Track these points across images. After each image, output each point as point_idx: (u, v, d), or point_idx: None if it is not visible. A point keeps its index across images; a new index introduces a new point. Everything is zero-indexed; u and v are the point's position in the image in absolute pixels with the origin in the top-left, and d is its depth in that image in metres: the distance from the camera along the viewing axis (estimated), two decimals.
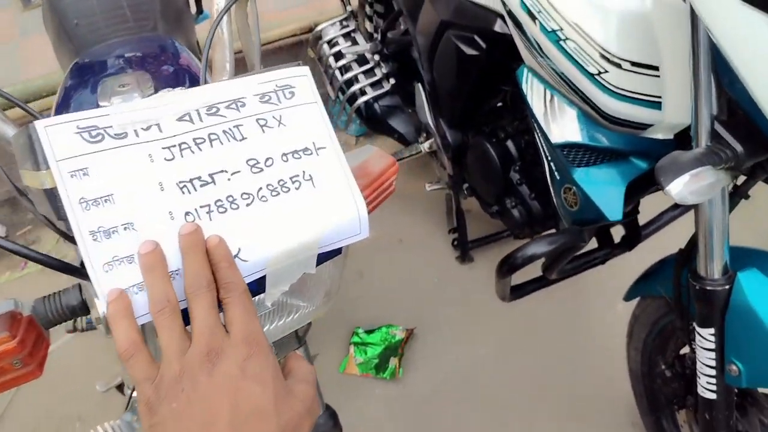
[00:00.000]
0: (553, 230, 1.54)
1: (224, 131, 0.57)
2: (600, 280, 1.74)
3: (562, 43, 0.99)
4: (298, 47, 2.50)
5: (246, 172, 0.57)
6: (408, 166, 2.28)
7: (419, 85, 1.80)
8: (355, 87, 1.98)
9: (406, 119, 2.00)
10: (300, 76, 0.63)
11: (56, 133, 0.50)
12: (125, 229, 0.51)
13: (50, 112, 1.06)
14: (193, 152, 0.55)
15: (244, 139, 0.58)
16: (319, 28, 2.08)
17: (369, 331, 1.83)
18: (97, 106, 0.87)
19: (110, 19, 1.37)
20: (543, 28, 1.01)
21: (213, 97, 0.58)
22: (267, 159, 0.58)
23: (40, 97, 2.26)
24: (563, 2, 0.96)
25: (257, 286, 0.59)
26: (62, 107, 1.05)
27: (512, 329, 1.82)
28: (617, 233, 1.37)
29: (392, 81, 1.95)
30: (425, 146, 1.87)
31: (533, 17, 1.02)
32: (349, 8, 2.07)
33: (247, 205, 0.56)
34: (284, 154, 0.59)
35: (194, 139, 0.56)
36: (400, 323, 1.84)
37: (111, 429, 0.68)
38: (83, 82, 1.14)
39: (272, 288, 0.59)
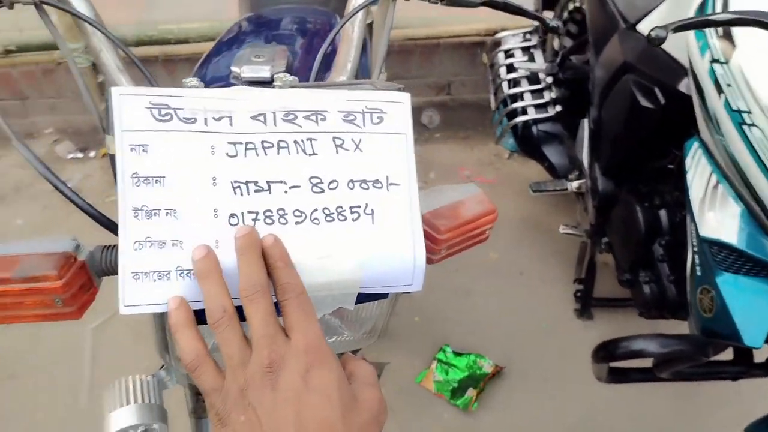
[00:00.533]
0: (682, 321, 1.34)
1: (296, 141, 0.54)
2: (724, 389, 1.49)
3: (745, 127, 0.82)
4: (476, 48, 2.42)
5: (305, 189, 0.53)
6: (550, 199, 2.14)
7: (585, 121, 1.65)
8: (519, 104, 1.88)
9: (562, 151, 1.86)
10: (396, 103, 0.57)
11: (128, 104, 0.50)
12: (167, 214, 0.50)
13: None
14: (257, 155, 0.53)
15: (314, 154, 0.54)
16: (500, 35, 2.00)
17: (457, 354, 1.76)
18: (230, 71, 0.89)
19: None
20: (728, 104, 0.85)
21: (295, 102, 0.55)
22: (332, 181, 0.54)
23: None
24: (762, 82, 0.80)
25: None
26: (208, 59, 1.09)
27: (608, 407, 1.64)
28: (761, 352, 1.16)
29: (558, 108, 1.81)
30: (573, 185, 1.72)
31: (720, 89, 0.86)
32: (536, 24, 1.95)
33: (296, 223, 0.53)
34: (351, 181, 0.55)
35: (262, 142, 0.53)
36: (491, 356, 1.74)
37: (141, 381, 0.70)
38: (236, 41, 1.19)
39: None
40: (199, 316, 0.51)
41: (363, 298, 0.57)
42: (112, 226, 0.61)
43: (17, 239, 0.61)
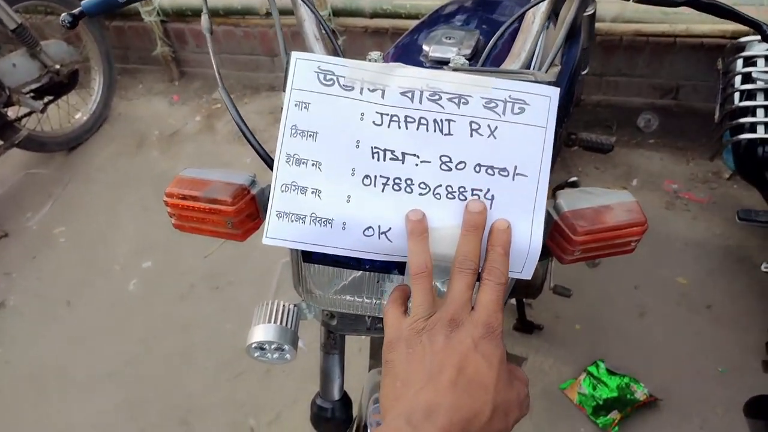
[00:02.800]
0: None
1: (435, 120, 0.58)
2: None
3: None
4: (719, 51, 2.16)
5: (434, 165, 0.58)
6: (764, 232, 1.88)
7: None
8: (748, 119, 1.66)
9: None
10: (542, 96, 0.59)
11: (301, 67, 0.59)
12: (313, 165, 0.59)
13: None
14: (399, 127, 0.59)
15: (449, 134, 0.58)
16: (744, 39, 1.76)
17: (611, 372, 1.66)
18: (421, 48, 0.96)
19: None
20: None
21: (443, 84, 0.59)
22: (460, 162, 0.58)
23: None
24: None
25: (395, 268, 0.62)
26: (415, 30, 1.17)
27: None
28: None
29: None
30: None
31: None
32: None
33: (420, 194, 0.58)
34: (479, 165, 0.58)
35: (406, 117, 0.59)
36: (647, 384, 1.62)
37: (284, 307, 0.81)
38: (445, 17, 1.25)
39: (438, 281, 0.61)
40: (315, 256, 0.60)
41: None
42: (270, 162, 0.72)
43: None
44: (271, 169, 0.73)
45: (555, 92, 0.59)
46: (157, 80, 3.17)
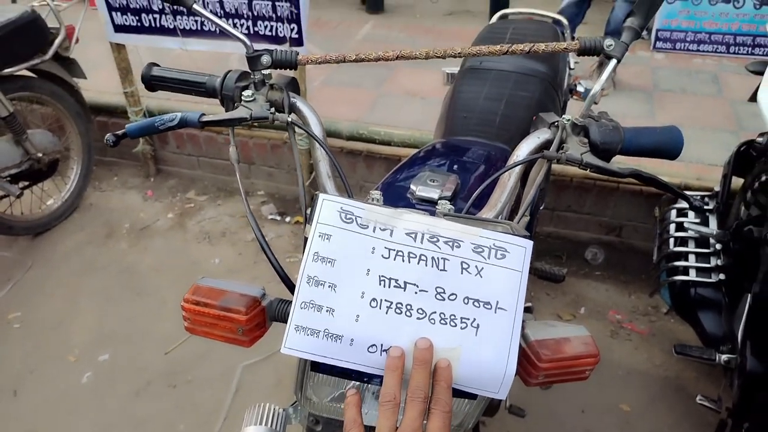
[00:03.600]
0: None
1: (433, 258, 0.71)
2: None
3: None
4: (656, 198, 2.44)
5: (431, 295, 0.70)
6: (700, 366, 2.04)
7: (749, 296, 1.61)
8: (681, 263, 1.87)
9: (717, 320, 1.79)
10: (519, 246, 0.72)
11: (327, 206, 0.72)
12: (329, 287, 0.70)
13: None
14: (403, 261, 0.71)
15: (443, 270, 0.71)
16: None
17: None
18: (409, 186, 1.11)
19: (482, 120, 1.64)
20: None
21: (440, 230, 0.72)
22: (452, 294, 0.70)
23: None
24: None
25: None
26: (397, 171, 1.33)
27: None
28: None
29: (722, 276, 1.78)
30: (723, 358, 1.65)
31: None
32: (716, 189, 1.96)
33: (418, 318, 0.69)
34: (467, 298, 0.70)
35: (409, 253, 0.71)
36: None
37: (274, 410, 0.88)
38: (424, 159, 1.42)
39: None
40: (323, 367, 0.69)
41: (456, 393, 0.71)
42: (289, 284, 0.82)
43: (211, 274, 0.85)
44: (287, 287, 0.84)
45: (529, 244, 0.73)
46: (133, 175, 3.27)
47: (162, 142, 3.18)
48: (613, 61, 0.93)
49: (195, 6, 0.93)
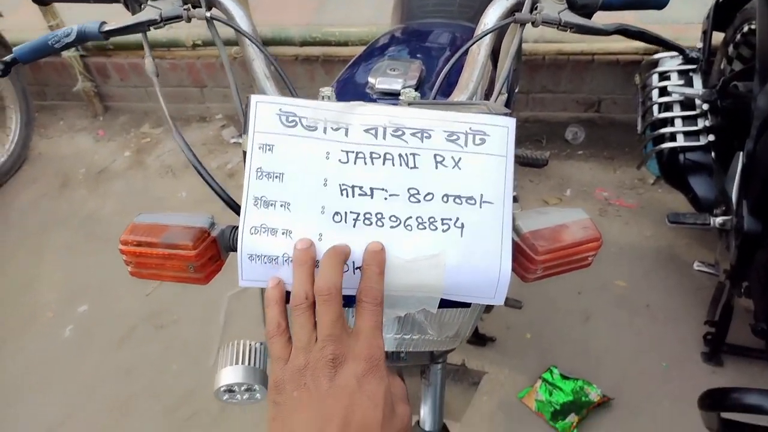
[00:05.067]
0: None
1: (400, 155, 0.59)
2: None
3: None
4: (633, 67, 2.31)
5: (403, 198, 0.59)
6: (692, 232, 2.00)
7: (741, 154, 1.53)
8: (667, 129, 1.77)
9: (709, 183, 1.73)
10: (500, 127, 0.60)
11: (262, 109, 0.59)
12: (282, 206, 0.58)
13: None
14: (365, 163, 0.59)
15: (414, 168, 0.59)
16: (657, 56, 1.90)
17: (564, 377, 1.72)
18: (367, 80, 0.97)
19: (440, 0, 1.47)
20: None
21: (405, 120, 0.60)
22: (428, 194, 0.59)
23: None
24: None
25: None
26: (352, 66, 1.18)
27: None
28: None
29: (711, 137, 1.69)
30: (717, 221, 1.60)
31: None
32: (698, 46, 1.83)
33: (391, 227, 0.58)
34: (446, 195, 0.59)
35: (371, 153, 0.59)
36: (600, 386, 1.68)
37: (251, 346, 0.79)
38: (381, 48, 1.27)
39: (387, 308, 0.61)
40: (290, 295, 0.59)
41: (446, 303, 0.61)
42: (238, 209, 0.71)
43: (177, 210, 0.73)
44: (235, 212, 0.72)
45: (512, 122, 0.61)
46: (79, 116, 3.05)
47: (103, 76, 2.93)
48: None
49: None
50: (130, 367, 1.89)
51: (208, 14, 0.76)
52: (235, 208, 0.71)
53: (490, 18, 0.80)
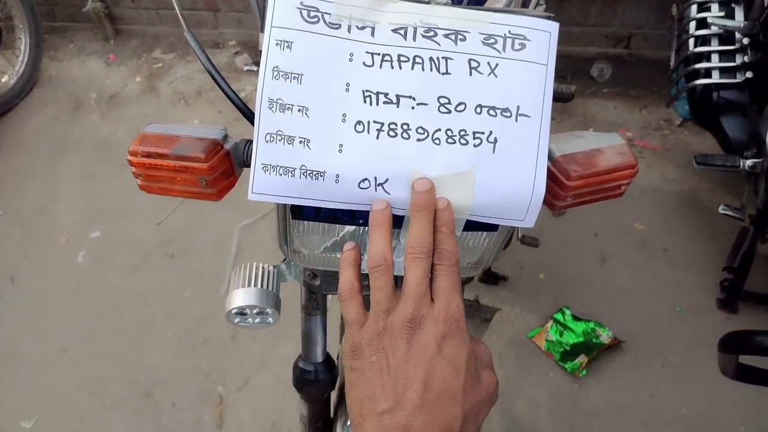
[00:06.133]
0: None
1: (431, 58, 0.54)
2: None
3: None
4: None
5: (432, 108, 0.54)
6: (717, 176, 1.94)
7: None
8: (703, 65, 1.68)
9: (741, 124, 1.65)
10: (542, 31, 0.55)
11: (282, 1, 0.53)
12: (299, 111, 0.53)
13: None
14: (392, 67, 0.54)
15: (446, 74, 0.54)
16: None
17: (576, 318, 1.70)
18: None
19: None
20: None
21: (438, 19, 0.54)
22: (460, 103, 0.54)
23: None
24: None
25: (395, 221, 0.58)
26: None
27: (728, 407, 1.51)
28: None
29: (749, 74, 1.60)
30: (747, 163, 1.53)
31: None
32: None
33: (418, 140, 0.54)
34: (480, 106, 0.54)
35: (399, 56, 0.54)
36: (611, 328, 1.66)
37: (263, 269, 0.77)
38: None
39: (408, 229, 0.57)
40: (306, 212, 0.56)
41: (472, 225, 0.57)
42: (248, 114, 0.66)
43: None
44: (248, 120, 0.67)
45: (555, 27, 0.55)
46: (89, 39, 2.97)
47: None
48: None
49: None
50: (143, 294, 1.90)
51: None
52: (249, 115, 0.66)
53: None
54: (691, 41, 1.73)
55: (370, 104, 0.54)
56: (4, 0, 2.57)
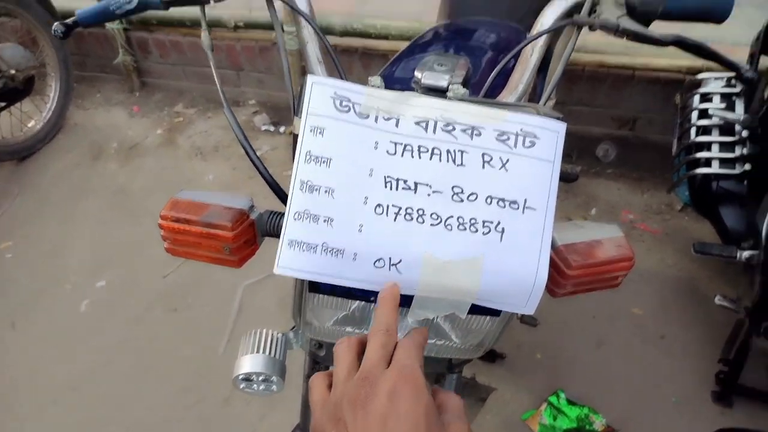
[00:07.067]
0: None
1: (449, 150, 0.59)
2: None
3: None
4: (674, 86, 2.28)
5: (446, 196, 0.59)
6: (715, 264, 1.97)
7: None
8: (703, 154, 1.75)
9: (740, 214, 1.70)
10: (551, 131, 0.60)
11: (317, 91, 0.59)
12: (326, 192, 0.58)
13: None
14: (412, 156, 0.59)
15: (461, 165, 0.59)
16: (701, 76, 1.86)
17: (571, 402, 1.70)
18: (413, 74, 0.97)
19: None
20: None
21: (456, 115, 0.60)
22: (472, 193, 0.59)
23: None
24: None
25: (404, 300, 0.62)
26: (398, 59, 1.18)
27: None
28: None
29: (747, 166, 1.66)
30: (744, 255, 1.56)
31: None
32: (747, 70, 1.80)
33: (431, 225, 0.58)
34: (490, 197, 0.59)
35: (419, 146, 0.59)
36: (605, 415, 1.66)
37: (272, 336, 0.79)
38: (427, 44, 1.27)
39: (417, 309, 0.61)
40: (322, 287, 0.59)
41: (476, 309, 0.61)
42: (281, 195, 0.71)
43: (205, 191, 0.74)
44: (277, 196, 0.72)
45: (562, 127, 0.61)
46: (116, 90, 3.09)
47: (144, 51, 2.97)
48: None
49: None
50: (142, 347, 1.91)
51: None
52: (278, 191, 0.71)
53: (548, 18, 0.79)
54: (693, 130, 1.80)
55: (391, 189, 0.58)
56: (40, 48, 2.70)
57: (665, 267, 2.08)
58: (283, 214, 0.59)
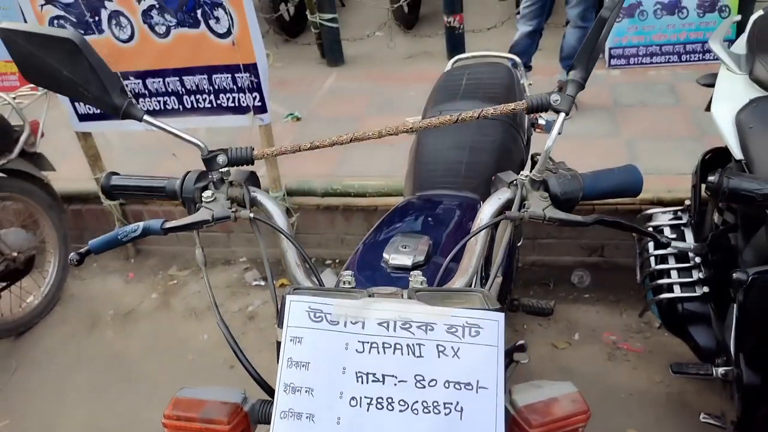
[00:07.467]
0: None
1: (408, 345, 0.71)
2: None
3: None
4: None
5: (410, 384, 0.70)
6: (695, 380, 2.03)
7: (735, 306, 1.62)
8: (664, 281, 1.88)
9: (709, 333, 1.80)
10: (491, 321, 0.73)
11: (295, 307, 0.72)
12: (306, 392, 0.69)
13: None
14: (378, 353, 0.71)
15: (420, 357, 0.71)
16: (650, 211, 2.06)
17: None
18: (381, 255, 1.11)
19: (448, 170, 1.66)
20: None
21: (412, 314, 0.73)
22: (432, 380, 0.70)
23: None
24: None
25: None
26: (376, 230, 1.33)
27: None
28: None
29: (706, 289, 1.79)
30: (720, 371, 1.65)
31: None
32: (687, 202, 1.99)
33: (400, 411, 0.69)
34: (447, 382, 0.70)
35: (383, 343, 0.71)
36: None
37: None
38: (398, 218, 1.43)
39: None
40: None
41: None
42: (265, 387, 0.82)
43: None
44: (263, 389, 0.83)
45: (501, 317, 0.73)
46: (112, 258, 3.24)
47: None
48: (562, 115, 0.95)
49: (146, 117, 0.94)
50: None
51: (251, 215, 0.92)
52: (264, 386, 0.82)
53: (486, 214, 0.95)
54: (652, 259, 1.95)
55: (362, 383, 0.69)
56: (41, 228, 2.88)
57: (653, 384, 2.13)
58: (272, 402, 0.69)
